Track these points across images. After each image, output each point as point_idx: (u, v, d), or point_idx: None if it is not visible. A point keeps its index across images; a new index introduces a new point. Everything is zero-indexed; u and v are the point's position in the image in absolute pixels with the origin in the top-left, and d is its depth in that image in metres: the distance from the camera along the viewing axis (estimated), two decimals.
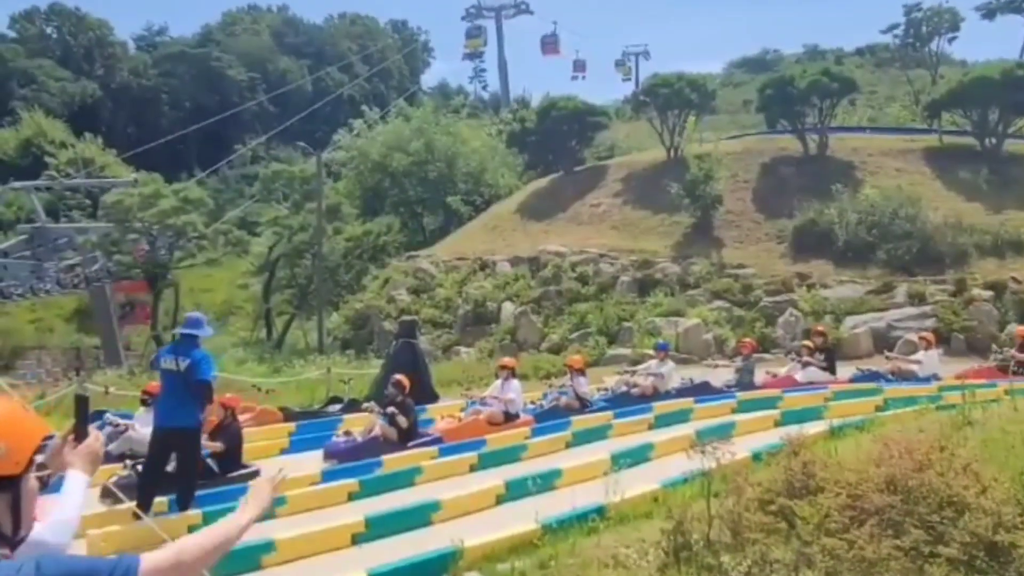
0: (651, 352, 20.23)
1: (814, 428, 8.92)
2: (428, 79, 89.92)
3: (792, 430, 7.51)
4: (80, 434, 2.39)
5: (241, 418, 13.17)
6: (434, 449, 9.88)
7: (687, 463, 7.49)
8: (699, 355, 20.50)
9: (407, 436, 10.08)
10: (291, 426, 12.01)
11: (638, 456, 8.69)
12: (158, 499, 7.31)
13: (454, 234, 31.65)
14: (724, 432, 8.84)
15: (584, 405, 12.48)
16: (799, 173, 27.75)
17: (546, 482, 7.50)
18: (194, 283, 36.31)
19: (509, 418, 11.34)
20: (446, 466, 9.11)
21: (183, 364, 7.17)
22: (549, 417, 11.92)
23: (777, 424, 10.93)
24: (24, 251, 33.93)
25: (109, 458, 8.67)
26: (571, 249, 26.13)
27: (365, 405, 11.93)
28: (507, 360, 12.79)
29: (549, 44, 67.93)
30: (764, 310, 22.27)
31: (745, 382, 14.49)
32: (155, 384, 11.49)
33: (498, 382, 11.94)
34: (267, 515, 7.14)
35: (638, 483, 7.08)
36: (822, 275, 23.32)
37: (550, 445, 10.31)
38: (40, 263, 32.85)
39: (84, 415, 2.49)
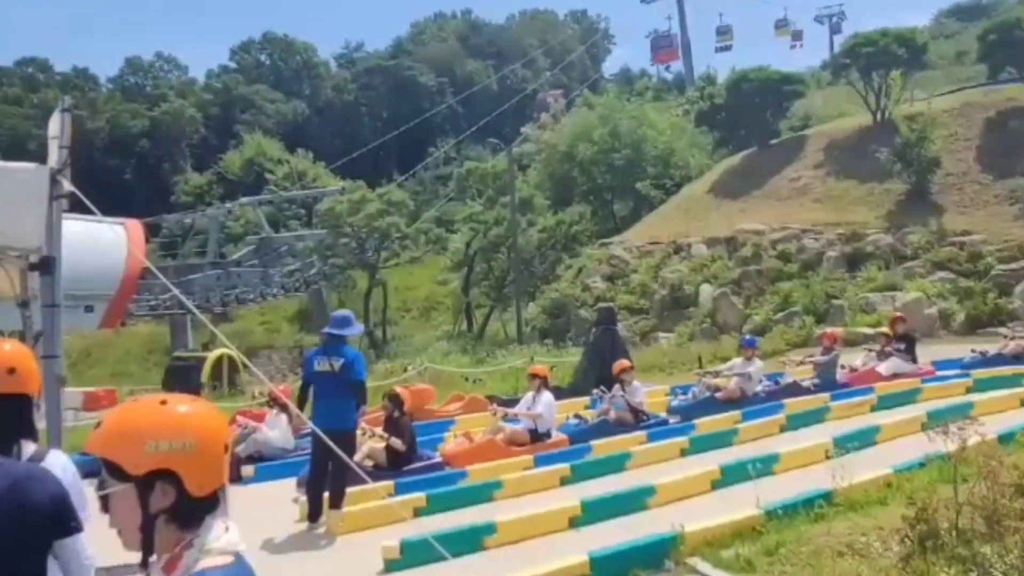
0: (867, 330, 19.04)
1: None
2: (609, 66, 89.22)
3: None
4: None
5: (451, 407, 13.83)
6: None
7: (917, 447, 6.94)
8: (922, 331, 18.83)
9: (403, 460, 8.66)
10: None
11: (865, 439, 8.16)
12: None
13: (646, 219, 31.21)
14: (962, 412, 8.10)
15: (638, 418, 10.59)
16: None
17: (765, 466, 7.20)
18: (398, 281, 38.35)
19: (537, 437, 9.67)
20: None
21: (337, 364, 7.05)
22: (593, 435, 9.94)
23: None
24: (253, 260, 37.37)
25: (238, 459, 9.03)
26: (770, 227, 24.95)
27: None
28: (537, 368, 10.95)
29: (662, 50, 64.76)
30: (997, 279, 20.15)
31: (827, 378, 12.69)
32: (285, 387, 12.05)
33: (528, 394, 10.16)
34: (485, 498, 7.50)
35: (866, 467, 6.65)
36: None
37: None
38: (266, 270, 35.98)
39: None
